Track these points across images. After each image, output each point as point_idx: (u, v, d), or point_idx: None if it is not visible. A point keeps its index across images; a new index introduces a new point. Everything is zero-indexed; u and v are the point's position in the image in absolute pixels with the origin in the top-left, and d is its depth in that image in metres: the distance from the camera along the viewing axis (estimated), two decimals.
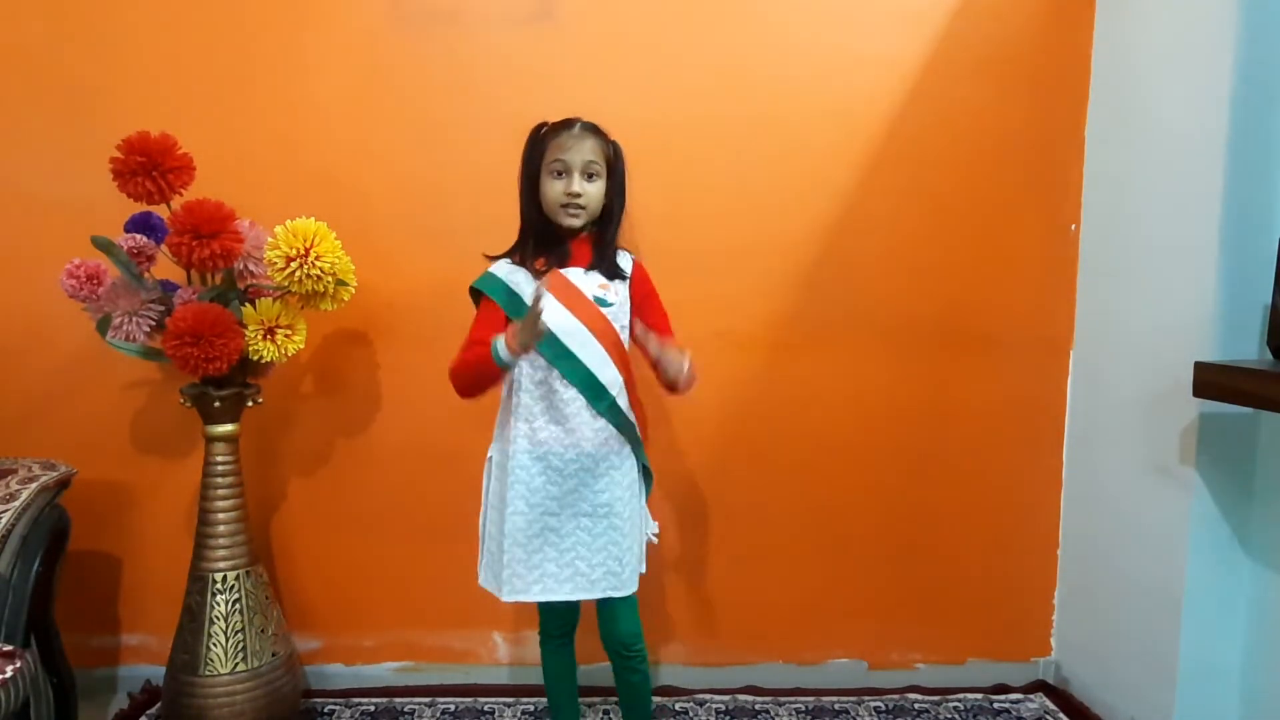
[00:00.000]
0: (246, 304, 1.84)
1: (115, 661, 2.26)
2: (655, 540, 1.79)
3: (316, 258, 1.77)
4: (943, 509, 2.28)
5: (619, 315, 1.67)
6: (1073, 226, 2.22)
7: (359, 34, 2.13)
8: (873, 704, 2.22)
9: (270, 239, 1.79)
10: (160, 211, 1.87)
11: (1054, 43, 2.17)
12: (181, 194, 1.81)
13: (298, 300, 1.88)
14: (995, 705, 2.22)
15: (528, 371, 1.63)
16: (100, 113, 2.09)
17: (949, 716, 2.17)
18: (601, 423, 1.64)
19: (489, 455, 1.74)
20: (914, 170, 2.18)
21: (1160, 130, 1.92)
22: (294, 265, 1.76)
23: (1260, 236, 1.71)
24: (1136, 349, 1.99)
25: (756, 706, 2.21)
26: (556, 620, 1.78)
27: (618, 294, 1.68)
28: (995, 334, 2.23)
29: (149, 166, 1.75)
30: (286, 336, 1.85)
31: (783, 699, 2.24)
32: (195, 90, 2.12)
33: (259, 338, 1.82)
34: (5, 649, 1.64)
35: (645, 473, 1.75)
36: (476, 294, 1.70)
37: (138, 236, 1.85)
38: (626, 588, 1.66)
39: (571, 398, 1.62)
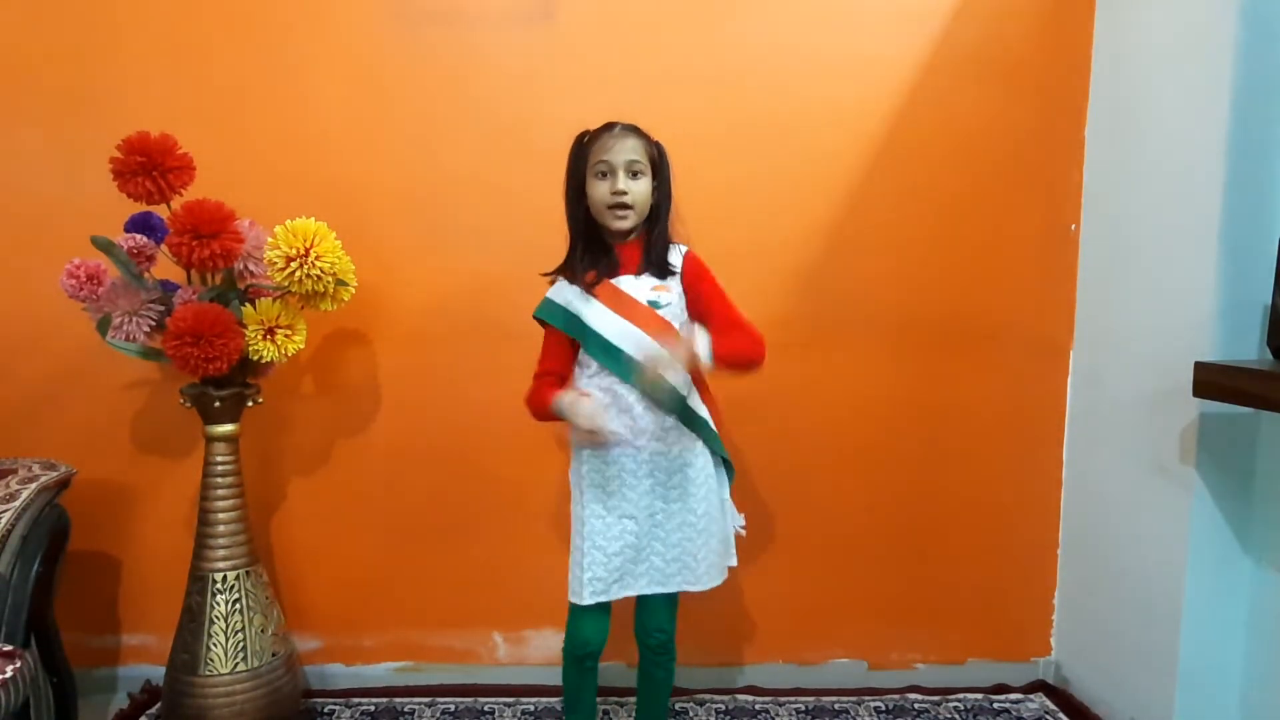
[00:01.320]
0: (246, 304, 1.84)
1: (115, 661, 2.26)
2: (743, 533, 1.80)
3: (316, 258, 1.77)
4: (943, 509, 2.28)
5: (673, 314, 1.67)
6: (1073, 226, 2.22)
7: (359, 34, 2.13)
8: (873, 704, 2.22)
9: (270, 239, 1.79)
10: (160, 211, 1.87)
11: (1054, 43, 2.17)
12: (181, 194, 1.81)
13: (298, 300, 1.88)
14: (995, 705, 2.22)
15: (596, 381, 1.65)
16: (100, 113, 2.09)
17: (949, 716, 2.17)
18: (671, 421, 1.66)
19: (571, 469, 1.74)
20: (914, 170, 2.18)
21: (1160, 130, 1.92)
22: (294, 265, 1.76)
23: (1260, 236, 1.71)
24: (1136, 349, 1.99)
25: (756, 706, 2.21)
26: (585, 645, 1.72)
27: (672, 291, 1.68)
28: (995, 334, 2.23)
29: (149, 166, 1.75)
30: (286, 336, 1.85)
31: (783, 699, 2.24)
32: (195, 90, 2.12)
33: (259, 338, 1.82)
34: (5, 649, 1.64)
35: (726, 464, 1.76)
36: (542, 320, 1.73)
37: (138, 236, 1.85)
38: (701, 583, 1.68)
39: (636, 401, 1.64)
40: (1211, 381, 1.64)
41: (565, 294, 1.68)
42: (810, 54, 2.15)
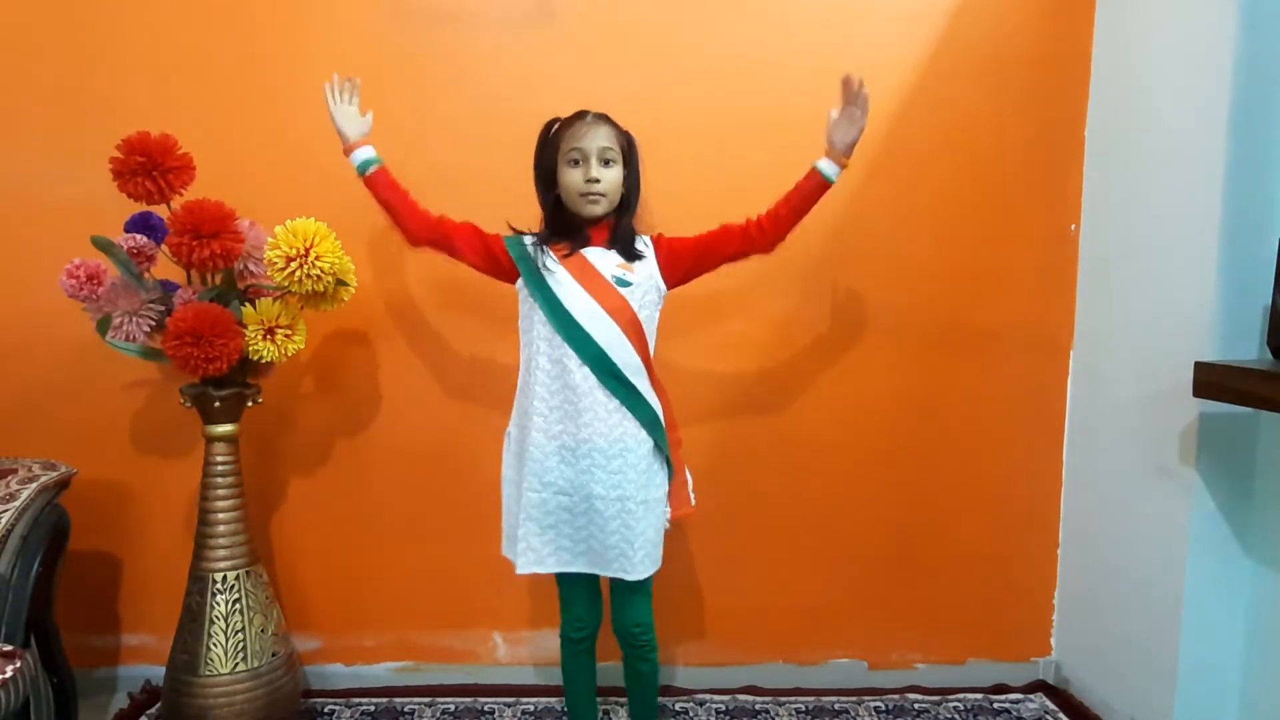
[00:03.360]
0: (246, 304, 1.84)
1: (115, 661, 2.26)
2: (669, 526, 1.78)
3: (316, 258, 1.77)
4: (943, 509, 2.28)
5: (637, 295, 1.68)
6: (1073, 226, 2.22)
7: (360, 34, 2.13)
8: (873, 704, 2.22)
9: (270, 239, 1.79)
10: (160, 211, 1.87)
11: (1054, 43, 2.17)
12: (181, 194, 1.81)
13: (298, 300, 1.88)
14: (995, 705, 2.22)
15: (545, 350, 1.66)
16: (100, 113, 2.09)
17: (949, 716, 2.17)
18: (615, 403, 1.65)
19: (508, 431, 1.78)
20: (914, 170, 2.18)
21: (1160, 130, 1.92)
22: (294, 265, 1.76)
23: (1260, 236, 1.71)
24: (1136, 349, 1.99)
25: (756, 706, 2.21)
26: (577, 622, 1.79)
27: (639, 273, 1.69)
28: (995, 334, 2.23)
29: (149, 166, 1.75)
30: (286, 336, 1.85)
31: (783, 699, 2.24)
32: (195, 90, 2.12)
33: (259, 338, 1.82)
34: (5, 649, 1.64)
35: (666, 460, 1.74)
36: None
37: (138, 236, 1.85)
38: (637, 571, 1.67)
39: (584, 377, 1.63)
40: (1211, 381, 1.65)
41: (534, 248, 1.70)
42: (810, 54, 2.15)
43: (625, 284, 1.67)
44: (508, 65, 2.14)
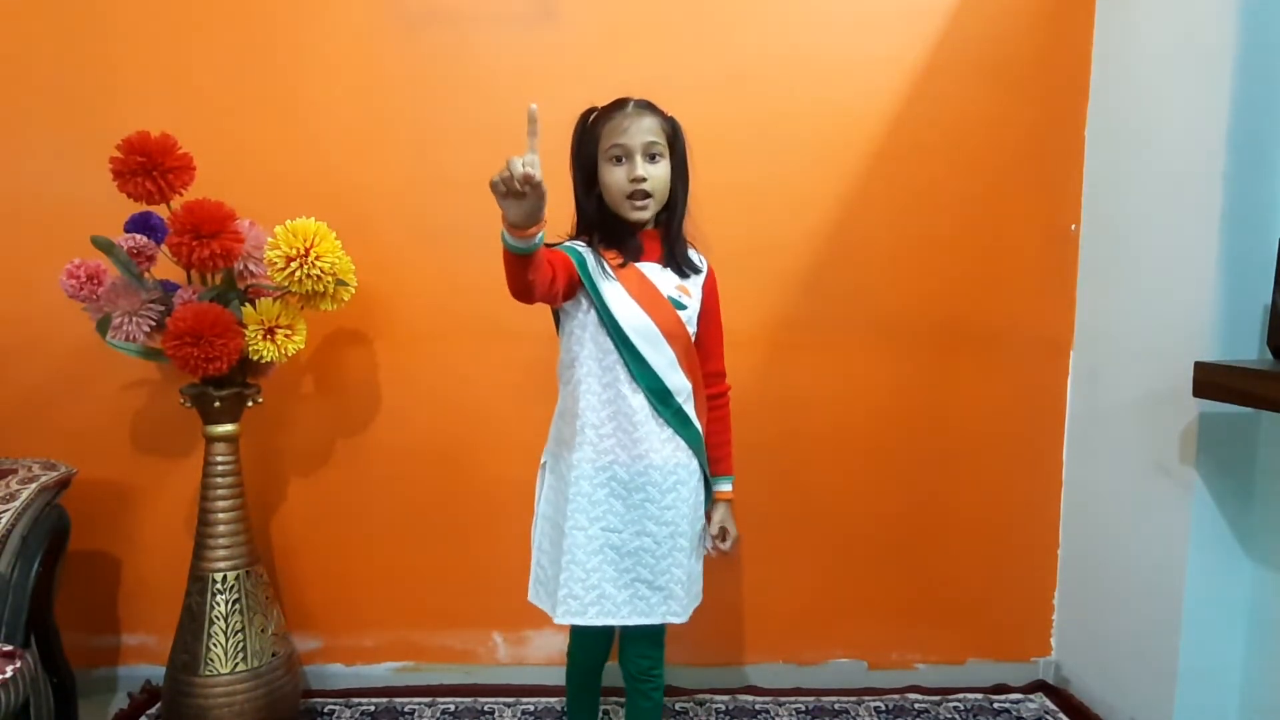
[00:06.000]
0: (246, 304, 1.84)
1: (115, 661, 2.26)
2: (713, 553, 1.70)
3: (316, 258, 1.77)
4: (943, 509, 2.28)
5: (690, 319, 1.56)
6: (1073, 226, 2.22)
7: (359, 34, 2.13)
8: (873, 704, 2.22)
9: (270, 239, 1.79)
10: (160, 211, 1.87)
11: (1054, 43, 2.17)
12: (181, 194, 1.81)
13: (298, 300, 1.88)
14: (995, 705, 2.22)
15: (596, 373, 1.51)
16: (100, 113, 2.09)
17: (949, 716, 2.17)
18: (669, 433, 1.53)
19: (542, 460, 1.65)
20: (914, 170, 2.18)
21: (1160, 130, 1.92)
22: (294, 265, 1.76)
23: (1260, 236, 1.71)
24: (1136, 349, 1.99)
25: (756, 706, 2.21)
26: (588, 650, 1.70)
27: (692, 294, 1.57)
28: (995, 334, 2.23)
29: (149, 166, 1.75)
30: (286, 336, 1.85)
31: (783, 699, 2.24)
32: (195, 90, 2.12)
33: (259, 338, 1.82)
34: (5, 649, 1.64)
35: (706, 484, 1.63)
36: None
37: (138, 236, 1.85)
38: (686, 614, 1.55)
39: (640, 405, 1.50)
40: (1211, 381, 1.64)
41: (589, 257, 1.50)
42: (810, 54, 2.15)
43: (681, 306, 1.54)
44: (506, 66, 2.14)
